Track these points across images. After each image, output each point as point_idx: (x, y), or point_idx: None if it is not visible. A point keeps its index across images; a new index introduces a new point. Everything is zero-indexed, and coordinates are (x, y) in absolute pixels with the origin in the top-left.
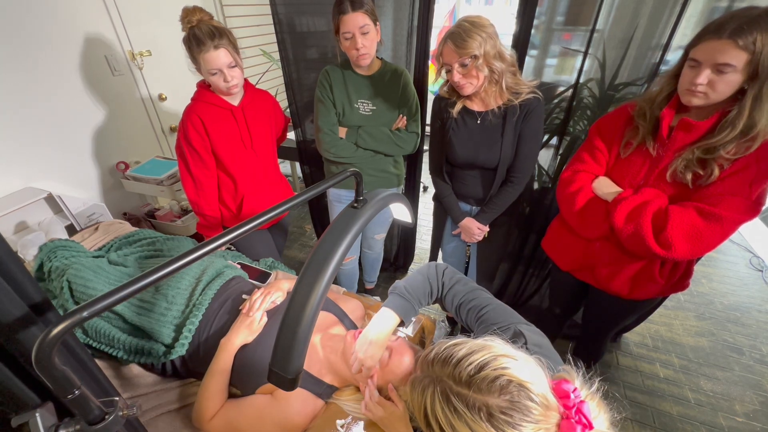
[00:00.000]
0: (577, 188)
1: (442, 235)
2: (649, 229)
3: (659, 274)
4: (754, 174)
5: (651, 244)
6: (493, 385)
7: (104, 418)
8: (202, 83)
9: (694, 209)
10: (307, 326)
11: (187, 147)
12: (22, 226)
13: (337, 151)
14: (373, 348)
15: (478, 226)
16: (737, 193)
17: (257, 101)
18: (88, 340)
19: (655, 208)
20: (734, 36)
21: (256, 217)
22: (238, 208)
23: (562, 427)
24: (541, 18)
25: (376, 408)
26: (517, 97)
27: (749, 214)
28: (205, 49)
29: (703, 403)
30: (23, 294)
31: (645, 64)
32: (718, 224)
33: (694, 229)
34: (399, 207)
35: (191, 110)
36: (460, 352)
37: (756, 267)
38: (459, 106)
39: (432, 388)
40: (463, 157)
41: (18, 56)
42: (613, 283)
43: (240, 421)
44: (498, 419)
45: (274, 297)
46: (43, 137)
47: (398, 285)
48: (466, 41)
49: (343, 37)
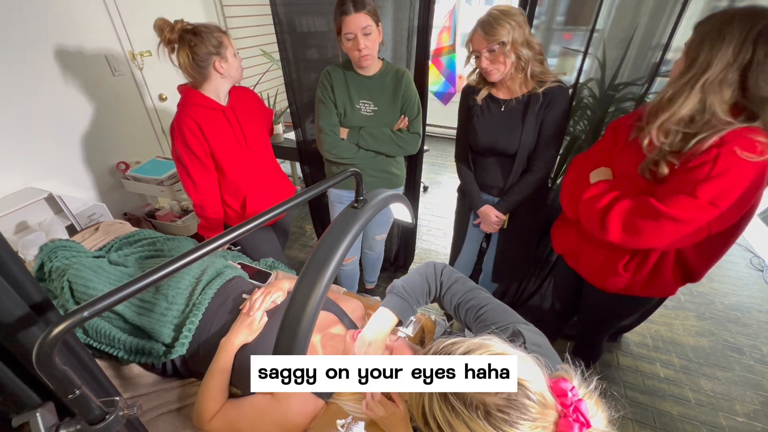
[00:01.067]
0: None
1: (466, 231)
2: (600, 207)
3: (623, 267)
4: (705, 173)
5: (594, 220)
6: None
7: (105, 417)
8: (185, 86)
9: (642, 201)
10: (308, 326)
11: (185, 152)
12: (22, 227)
13: (339, 152)
14: (372, 348)
15: (496, 214)
16: (682, 191)
17: (243, 99)
18: (89, 340)
19: (615, 194)
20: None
21: (257, 216)
22: (242, 208)
23: (560, 425)
24: (542, 18)
25: (377, 407)
26: (541, 85)
27: (698, 214)
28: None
29: (703, 403)
30: (24, 294)
31: (645, 64)
32: (655, 219)
33: (630, 218)
34: (399, 207)
35: (185, 114)
36: (458, 351)
37: (756, 267)
38: (484, 92)
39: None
40: (483, 142)
41: (18, 57)
42: (587, 270)
43: (240, 421)
44: (495, 417)
45: (275, 297)
46: (43, 137)
47: (396, 284)
48: (495, 28)
49: (345, 38)
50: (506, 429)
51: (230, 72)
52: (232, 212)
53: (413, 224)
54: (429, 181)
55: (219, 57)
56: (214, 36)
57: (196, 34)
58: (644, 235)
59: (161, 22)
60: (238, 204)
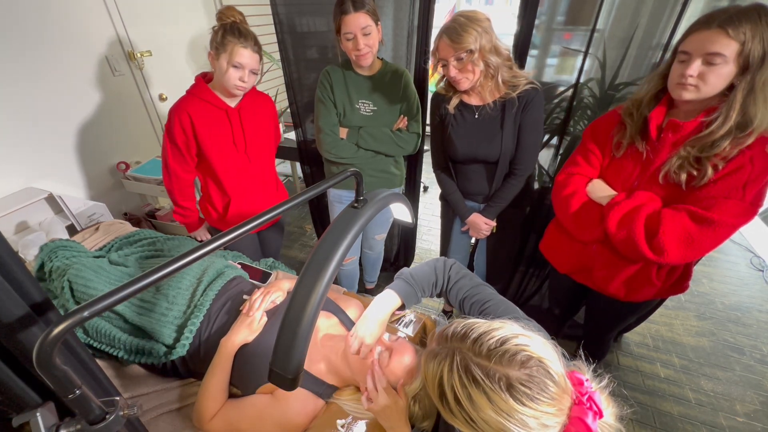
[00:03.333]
0: (571, 191)
1: (451, 235)
2: (641, 234)
3: (656, 276)
4: (747, 175)
5: (643, 249)
6: (514, 359)
7: (105, 417)
8: (202, 77)
9: (686, 213)
10: (308, 326)
11: (169, 140)
12: (22, 226)
13: (338, 152)
14: (373, 325)
15: (485, 221)
16: (731, 196)
17: (257, 104)
18: (89, 340)
19: (648, 212)
20: (724, 25)
21: (257, 217)
22: (224, 210)
23: (574, 411)
24: (542, 18)
25: (381, 396)
26: (514, 89)
27: (744, 217)
28: (242, 44)
29: (703, 403)
30: (24, 294)
31: (645, 64)
32: (711, 228)
33: (686, 234)
34: (399, 207)
35: (183, 106)
36: (480, 329)
37: (757, 267)
38: (455, 101)
39: (450, 359)
40: (463, 152)
41: (19, 57)
42: (610, 285)
43: (240, 421)
44: (518, 390)
45: (274, 296)
46: (44, 137)
47: (404, 271)
48: (461, 35)
49: (344, 38)
50: (527, 403)
51: (218, 74)
52: (214, 212)
53: (413, 224)
54: (429, 181)
55: (215, 51)
56: (226, 40)
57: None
58: (702, 247)
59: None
60: (221, 205)
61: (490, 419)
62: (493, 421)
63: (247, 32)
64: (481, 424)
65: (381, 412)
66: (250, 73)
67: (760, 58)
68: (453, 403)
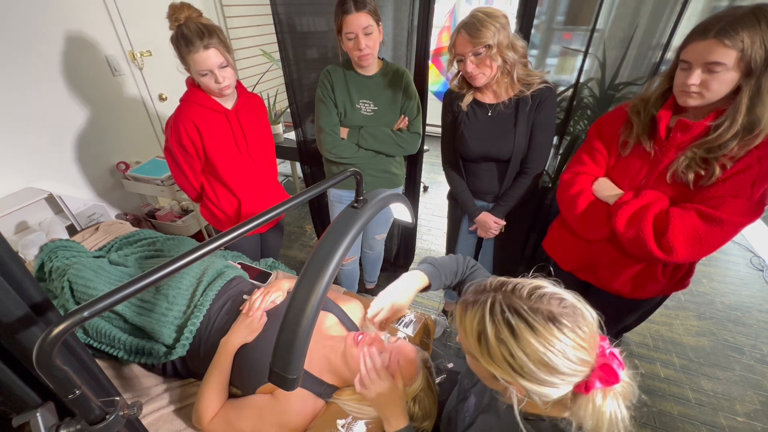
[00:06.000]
0: (577, 191)
1: (458, 234)
2: (650, 233)
3: (662, 273)
4: (755, 174)
5: (652, 248)
6: (552, 300)
7: (105, 417)
8: (191, 81)
9: (695, 212)
10: (308, 326)
11: (179, 150)
12: (22, 226)
13: (339, 152)
14: (396, 295)
15: (494, 220)
16: (739, 195)
17: (252, 105)
18: (89, 340)
19: (656, 211)
20: (719, 36)
21: (256, 217)
22: (236, 214)
23: (600, 359)
24: (542, 18)
25: (376, 382)
26: (528, 88)
27: (752, 215)
28: (194, 50)
29: (703, 403)
30: (24, 294)
31: (645, 64)
32: (719, 227)
33: (695, 233)
34: (399, 207)
35: (185, 115)
36: (515, 280)
37: (757, 267)
38: (469, 98)
39: (492, 301)
40: (476, 150)
41: (18, 57)
42: (614, 282)
43: (240, 421)
44: (560, 322)
45: (274, 296)
46: (43, 137)
47: (428, 257)
48: (480, 30)
49: (345, 38)
50: (568, 334)
51: (206, 87)
52: (224, 217)
53: (413, 224)
54: (429, 181)
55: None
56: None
57: (177, 40)
58: (710, 245)
59: (174, 7)
60: (232, 209)
61: (532, 351)
62: (534, 353)
63: (192, 32)
64: (521, 359)
65: (376, 400)
66: (220, 69)
67: (763, 61)
68: (493, 341)
